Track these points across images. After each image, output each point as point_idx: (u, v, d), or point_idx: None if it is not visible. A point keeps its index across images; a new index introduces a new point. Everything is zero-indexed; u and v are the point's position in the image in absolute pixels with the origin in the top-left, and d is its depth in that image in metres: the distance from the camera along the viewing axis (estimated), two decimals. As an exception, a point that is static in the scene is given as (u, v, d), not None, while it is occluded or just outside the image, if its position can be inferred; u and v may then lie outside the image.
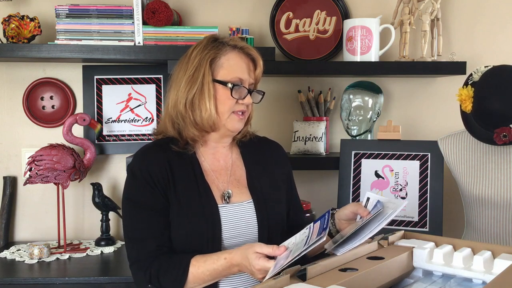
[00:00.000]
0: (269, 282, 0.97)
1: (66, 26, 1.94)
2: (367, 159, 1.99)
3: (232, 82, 1.39)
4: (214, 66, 1.40)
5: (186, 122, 1.42)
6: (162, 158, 1.40)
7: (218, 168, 1.46)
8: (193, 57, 1.41)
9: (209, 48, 1.41)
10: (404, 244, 1.24)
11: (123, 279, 1.79)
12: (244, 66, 1.43)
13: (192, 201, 1.37)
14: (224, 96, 1.40)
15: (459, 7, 2.26)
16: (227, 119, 1.41)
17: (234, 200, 1.43)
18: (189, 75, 1.40)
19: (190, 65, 1.41)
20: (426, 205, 1.88)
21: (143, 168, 1.38)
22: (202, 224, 1.36)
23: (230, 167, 1.48)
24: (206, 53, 1.40)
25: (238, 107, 1.41)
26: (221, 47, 1.41)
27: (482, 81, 1.63)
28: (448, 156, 1.79)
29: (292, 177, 1.60)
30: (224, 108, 1.40)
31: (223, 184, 1.44)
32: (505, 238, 1.65)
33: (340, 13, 2.21)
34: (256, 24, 2.23)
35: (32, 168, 1.99)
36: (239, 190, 1.45)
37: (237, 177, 1.47)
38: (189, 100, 1.39)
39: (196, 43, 1.46)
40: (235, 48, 1.42)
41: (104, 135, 2.20)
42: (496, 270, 1.08)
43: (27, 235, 2.22)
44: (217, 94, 1.40)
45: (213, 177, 1.44)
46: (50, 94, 2.18)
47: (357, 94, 2.11)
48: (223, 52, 1.41)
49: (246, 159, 1.51)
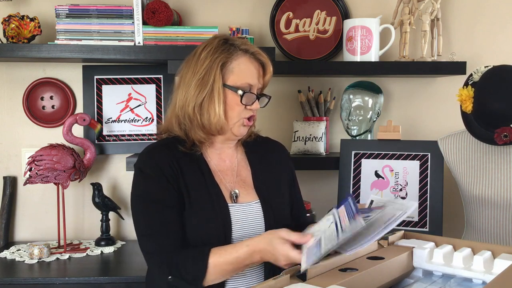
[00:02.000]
0: (269, 282, 0.97)
1: (66, 26, 1.94)
2: (367, 159, 1.99)
3: (242, 88, 1.39)
4: (225, 71, 1.39)
5: (193, 125, 1.41)
6: (170, 156, 1.39)
7: (224, 169, 1.46)
8: (202, 59, 1.39)
9: (220, 51, 1.39)
10: (404, 244, 1.24)
11: (123, 279, 1.79)
12: (255, 71, 1.42)
13: (202, 200, 1.37)
14: (233, 101, 1.39)
15: (459, 7, 2.26)
16: (235, 124, 1.41)
17: (241, 200, 1.43)
18: (199, 78, 1.38)
19: (200, 67, 1.39)
20: (426, 205, 1.88)
21: (152, 165, 1.38)
22: (213, 223, 1.35)
23: (236, 168, 1.49)
24: (217, 57, 1.38)
25: (247, 113, 1.42)
26: (232, 50, 1.39)
27: (482, 81, 1.63)
28: (448, 156, 1.79)
29: (295, 176, 1.61)
30: (233, 113, 1.40)
31: (230, 184, 1.45)
32: (505, 238, 1.65)
33: (340, 13, 2.21)
34: (256, 24, 2.23)
35: (32, 168, 1.99)
36: (246, 191, 1.45)
37: (243, 177, 1.48)
38: (198, 104, 1.38)
39: (205, 43, 1.43)
40: (246, 53, 1.41)
41: (104, 135, 2.20)
42: (496, 270, 1.08)
43: (27, 235, 2.22)
44: (227, 99, 1.39)
45: (220, 177, 1.44)
46: (50, 94, 2.18)
47: (357, 94, 2.11)
48: (234, 57, 1.39)
49: (251, 160, 1.52)
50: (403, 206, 1.19)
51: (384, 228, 1.15)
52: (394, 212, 1.19)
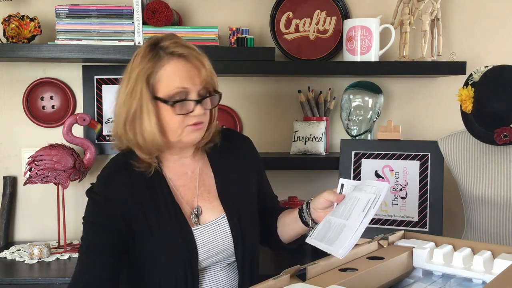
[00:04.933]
0: (269, 282, 0.96)
1: (66, 26, 1.94)
2: (367, 159, 1.99)
3: (174, 98, 1.24)
4: (152, 82, 1.25)
5: (131, 144, 1.30)
6: (124, 185, 1.29)
7: (185, 183, 1.37)
8: (133, 69, 1.27)
9: (147, 59, 1.25)
10: (404, 244, 1.24)
11: (123, 279, 1.79)
12: (186, 74, 1.25)
13: (163, 224, 1.29)
14: (168, 114, 1.25)
15: (459, 7, 2.26)
16: (181, 135, 1.28)
17: (205, 218, 1.35)
18: (128, 92, 1.26)
19: (129, 79, 1.27)
20: (426, 205, 1.88)
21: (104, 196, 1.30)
22: (177, 248, 1.28)
23: (197, 178, 1.38)
24: (143, 67, 1.25)
25: (190, 120, 1.27)
26: (159, 56, 1.25)
27: (482, 81, 1.63)
28: (448, 156, 1.79)
29: (261, 167, 1.51)
30: (171, 126, 1.27)
31: (192, 200, 1.36)
32: (505, 238, 1.65)
33: (340, 13, 2.21)
34: (256, 24, 2.23)
35: (32, 168, 1.99)
36: (210, 203, 1.37)
37: (207, 187, 1.39)
38: (129, 121, 1.27)
39: (138, 49, 1.31)
40: (172, 56, 1.25)
41: (104, 135, 2.19)
42: (496, 270, 1.08)
43: (27, 235, 2.22)
44: (161, 112, 1.26)
45: (181, 194, 1.35)
46: (50, 94, 2.18)
47: (357, 94, 2.11)
48: (160, 64, 1.25)
49: (213, 165, 1.41)
50: (375, 189, 1.18)
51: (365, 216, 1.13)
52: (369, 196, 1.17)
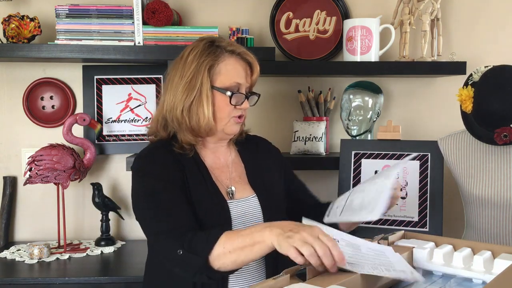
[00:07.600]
0: (269, 282, 0.97)
1: (66, 26, 1.94)
2: (367, 159, 1.99)
3: (230, 89, 1.41)
4: (213, 73, 1.41)
5: (181, 128, 1.43)
6: (169, 156, 1.41)
7: (219, 166, 1.49)
8: (189, 62, 1.41)
9: (206, 53, 1.41)
10: (404, 244, 1.23)
11: (123, 279, 1.79)
12: (242, 71, 1.44)
13: (202, 197, 1.39)
14: (222, 103, 1.42)
15: (459, 7, 2.26)
16: (226, 124, 1.44)
17: (238, 196, 1.46)
18: (186, 81, 1.40)
19: (187, 71, 1.40)
20: (426, 205, 1.88)
21: (154, 164, 1.39)
22: (213, 218, 1.37)
23: (230, 165, 1.51)
24: (204, 60, 1.40)
25: (236, 112, 1.44)
26: (218, 52, 1.41)
27: (482, 81, 1.63)
28: (448, 156, 1.79)
29: (289, 167, 1.65)
30: (222, 114, 1.42)
31: (226, 182, 1.47)
32: (505, 238, 1.65)
33: (340, 13, 2.21)
34: (256, 24, 2.23)
35: (32, 168, 1.99)
36: (242, 187, 1.48)
37: (238, 173, 1.51)
38: (187, 107, 1.40)
39: (191, 45, 1.45)
40: (233, 54, 1.43)
41: (104, 135, 2.20)
42: (496, 270, 1.08)
43: (27, 235, 2.22)
44: (215, 100, 1.41)
45: (216, 174, 1.46)
46: (50, 94, 2.18)
47: (357, 94, 2.11)
48: (221, 58, 1.41)
49: (243, 157, 1.55)
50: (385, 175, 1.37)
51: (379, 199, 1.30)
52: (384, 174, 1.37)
